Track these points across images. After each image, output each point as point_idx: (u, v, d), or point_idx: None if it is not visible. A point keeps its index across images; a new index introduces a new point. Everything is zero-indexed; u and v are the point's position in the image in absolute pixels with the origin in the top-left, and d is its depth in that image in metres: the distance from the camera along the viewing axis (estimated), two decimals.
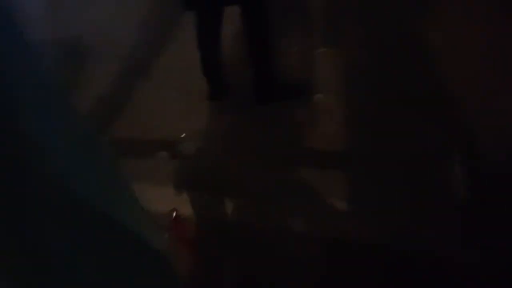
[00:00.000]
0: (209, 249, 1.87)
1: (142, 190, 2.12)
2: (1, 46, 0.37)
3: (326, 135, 2.24)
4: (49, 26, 3.29)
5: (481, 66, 2.38)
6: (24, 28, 0.43)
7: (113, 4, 3.26)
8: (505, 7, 2.67)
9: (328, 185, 2.03)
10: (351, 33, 2.81)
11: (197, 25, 2.26)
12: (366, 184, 2.03)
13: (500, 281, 1.61)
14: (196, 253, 1.84)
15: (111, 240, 0.35)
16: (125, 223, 0.36)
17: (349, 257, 1.77)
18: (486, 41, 2.51)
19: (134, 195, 0.43)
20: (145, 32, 3.04)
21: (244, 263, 1.83)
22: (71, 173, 0.33)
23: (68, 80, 2.76)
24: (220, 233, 1.93)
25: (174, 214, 1.92)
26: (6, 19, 0.38)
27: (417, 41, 2.64)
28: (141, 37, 3.01)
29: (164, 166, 2.25)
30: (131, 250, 0.37)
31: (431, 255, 1.72)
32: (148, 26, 3.08)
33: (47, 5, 3.49)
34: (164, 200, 2.02)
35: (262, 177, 2.13)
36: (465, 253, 1.69)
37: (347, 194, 2.00)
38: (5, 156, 0.31)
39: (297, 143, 2.26)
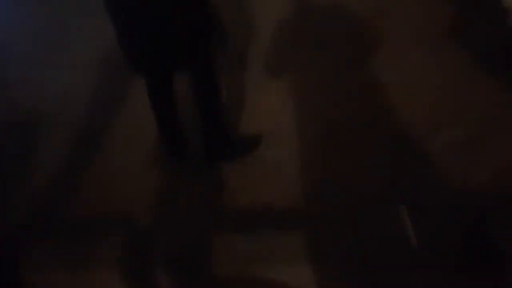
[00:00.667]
0: None
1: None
2: None
3: (277, 193, 2.24)
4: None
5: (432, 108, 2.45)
6: None
7: (67, 72, 3.25)
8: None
9: (281, 245, 2.01)
10: (298, 82, 2.85)
11: (148, 88, 2.27)
12: (322, 242, 2.02)
13: None
14: None
15: None
16: None
17: None
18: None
19: None
20: (98, 100, 3.04)
21: None
22: None
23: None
24: None
25: None
26: None
27: (368, 88, 2.71)
28: (94, 106, 3.00)
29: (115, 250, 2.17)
30: None
31: None
32: (101, 94, 3.08)
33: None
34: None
35: (214, 243, 2.10)
36: None
37: (302, 253, 1.98)
38: None
39: (248, 203, 2.24)
